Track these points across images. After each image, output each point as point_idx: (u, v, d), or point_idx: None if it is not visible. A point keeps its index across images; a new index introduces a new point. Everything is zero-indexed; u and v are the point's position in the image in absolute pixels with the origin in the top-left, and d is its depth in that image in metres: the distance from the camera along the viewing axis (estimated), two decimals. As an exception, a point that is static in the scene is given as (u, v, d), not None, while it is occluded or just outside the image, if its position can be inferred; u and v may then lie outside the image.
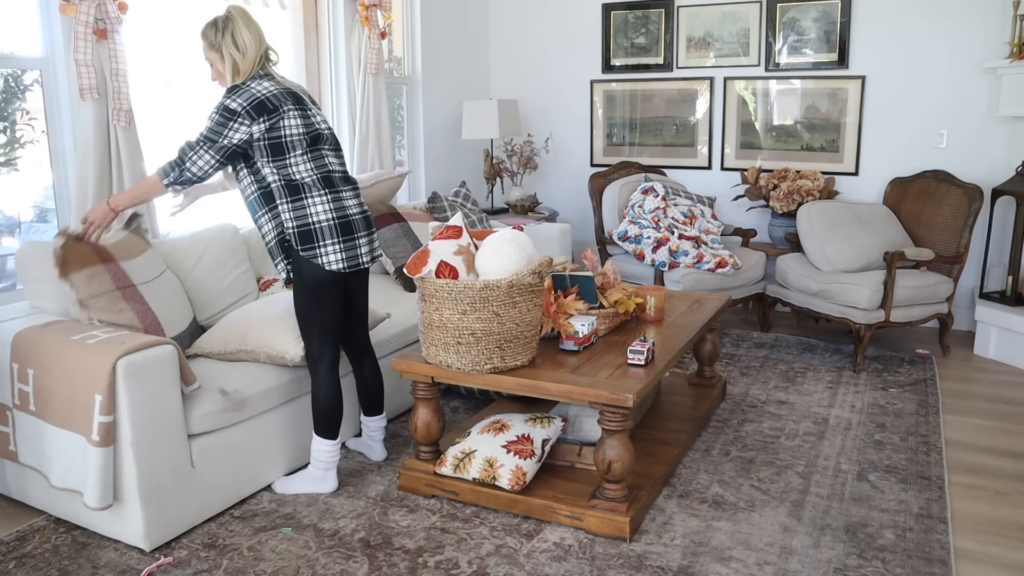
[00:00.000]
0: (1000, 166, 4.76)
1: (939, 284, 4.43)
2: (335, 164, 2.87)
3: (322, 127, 2.85)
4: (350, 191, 2.88)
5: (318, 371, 2.91)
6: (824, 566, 2.52)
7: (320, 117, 2.87)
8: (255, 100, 2.67)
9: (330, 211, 2.78)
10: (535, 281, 2.75)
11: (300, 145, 2.75)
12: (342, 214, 2.80)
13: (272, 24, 4.44)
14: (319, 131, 2.82)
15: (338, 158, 2.91)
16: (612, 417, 2.61)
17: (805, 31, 5.17)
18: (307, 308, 2.85)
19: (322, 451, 2.97)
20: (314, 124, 2.81)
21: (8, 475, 2.93)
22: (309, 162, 2.77)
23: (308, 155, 2.77)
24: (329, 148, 2.86)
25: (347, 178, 2.90)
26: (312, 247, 2.76)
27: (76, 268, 2.80)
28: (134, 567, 2.55)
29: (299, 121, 2.75)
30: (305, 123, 2.77)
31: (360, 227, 2.86)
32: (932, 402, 3.88)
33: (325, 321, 2.87)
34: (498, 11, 6.05)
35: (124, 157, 3.31)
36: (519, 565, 2.54)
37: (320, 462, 2.98)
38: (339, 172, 2.87)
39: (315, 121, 2.82)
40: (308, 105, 2.83)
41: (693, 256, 4.64)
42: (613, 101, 5.82)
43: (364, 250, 2.88)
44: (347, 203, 2.84)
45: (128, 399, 2.49)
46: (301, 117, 2.76)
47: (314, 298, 2.83)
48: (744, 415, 3.73)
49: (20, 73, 3.29)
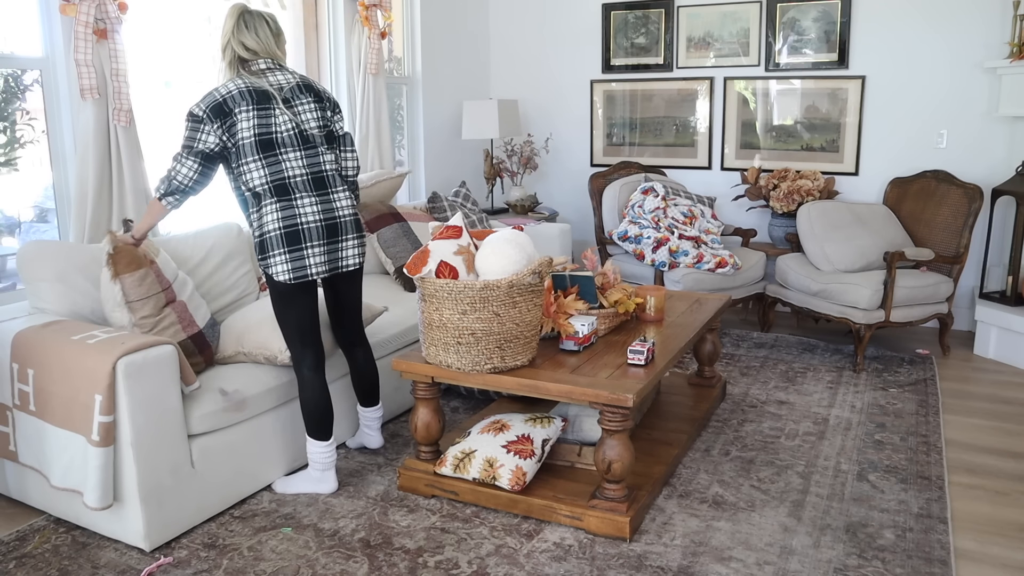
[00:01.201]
0: (1000, 166, 4.76)
1: (939, 284, 4.43)
2: (294, 169, 2.74)
3: (278, 130, 2.71)
4: (314, 196, 2.76)
5: (302, 373, 2.90)
6: (824, 566, 2.52)
7: (284, 118, 2.74)
8: (213, 103, 2.68)
9: (277, 220, 2.70)
10: (535, 281, 2.75)
11: (251, 151, 2.68)
12: (290, 223, 2.70)
13: (272, 24, 4.43)
14: (272, 136, 2.70)
15: (309, 158, 2.78)
16: (612, 417, 2.61)
17: (805, 31, 5.17)
18: (281, 313, 2.85)
19: (316, 453, 2.96)
20: (270, 127, 2.70)
21: (8, 475, 2.93)
22: (262, 168, 2.70)
23: (261, 161, 2.70)
24: (290, 151, 2.73)
25: (321, 182, 2.79)
26: (266, 257, 2.74)
27: (129, 270, 2.81)
28: (134, 567, 2.55)
29: (251, 123, 2.67)
30: (259, 126, 2.68)
31: (314, 236, 2.73)
32: (932, 402, 3.88)
33: (300, 324, 2.85)
34: (498, 11, 6.05)
35: (124, 157, 3.31)
36: (519, 565, 2.54)
37: (316, 463, 2.98)
38: (299, 176, 2.74)
39: (274, 123, 2.71)
40: (274, 105, 2.72)
41: (693, 256, 4.64)
42: (613, 101, 5.82)
43: (316, 260, 2.75)
44: (303, 210, 2.73)
45: (128, 399, 2.50)
46: (258, 118, 2.68)
47: (284, 304, 2.81)
48: (744, 415, 3.73)
49: (20, 73, 3.29)
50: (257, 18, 2.80)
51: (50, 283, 2.95)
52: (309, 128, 2.81)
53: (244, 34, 2.78)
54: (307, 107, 2.83)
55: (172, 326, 2.88)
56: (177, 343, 2.76)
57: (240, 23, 2.79)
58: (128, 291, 2.79)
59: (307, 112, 2.83)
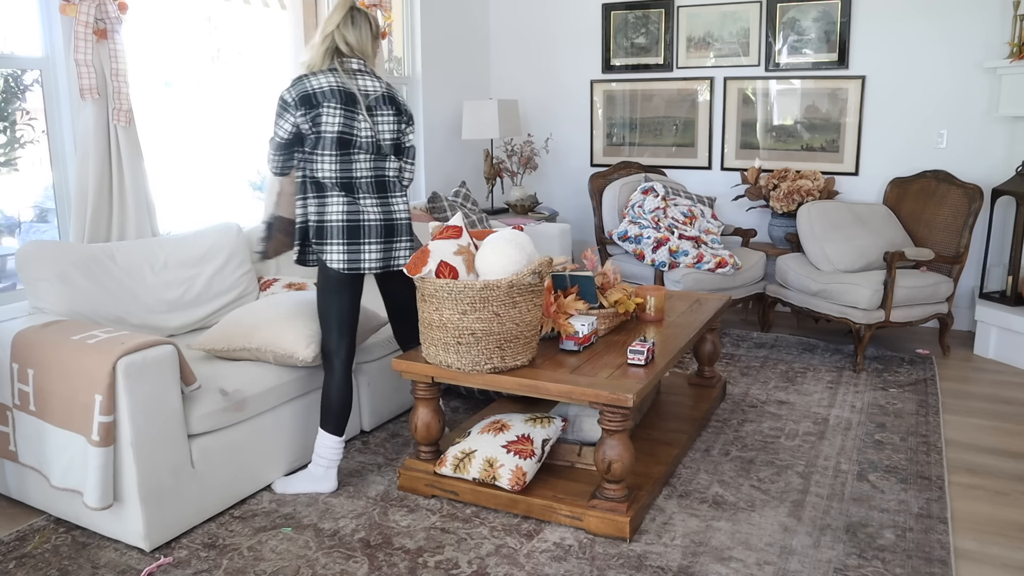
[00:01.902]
0: (1000, 166, 4.76)
1: (939, 284, 4.43)
2: (365, 171, 2.88)
3: (362, 133, 2.86)
4: (375, 198, 2.90)
5: (332, 365, 2.97)
6: (824, 566, 2.52)
7: (364, 125, 2.86)
8: (303, 92, 2.81)
9: (342, 213, 2.86)
10: (535, 281, 2.75)
11: (328, 145, 2.81)
12: (353, 219, 2.86)
13: (272, 24, 4.44)
14: (354, 136, 2.84)
15: (376, 163, 2.91)
16: (612, 417, 2.61)
17: (805, 31, 5.17)
18: (324, 301, 2.95)
19: (325, 446, 2.98)
20: (352, 129, 2.83)
21: (8, 475, 2.93)
22: (335, 164, 2.83)
23: (335, 157, 2.83)
24: (367, 154, 2.88)
25: (382, 184, 2.93)
26: (322, 243, 2.87)
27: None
28: (134, 567, 2.55)
29: (335, 120, 2.81)
30: (343, 124, 2.82)
31: (374, 233, 2.89)
32: (932, 402, 3.88)
33: (340, 315, 2.95)
34: (498, 11, 6.05)
35: (124, 157, 3.31)
36: (519, 565, 2.54)
37: (322, 459, 2.99)
38: (368, 178, 2.89)
39: (356, 125, 2.84)
40: (358, 110, 2.85)
41: (693, 256, 4.64)
42: (613, 101, 5.82)
43: (372, 256, 2.90)
44: (366, 209, 2.88)
45: (128, 399, 2.49)
46: (342, 117, 2.82)
47: (330, 292, 2.93)
48: (744, 415, 3.73)
49: (20, 73, 3.29)
50: (361, 17, 2.92)
51: (50, 283, 2.95)
52: (383, 139, 2.93)
53: (349, 29, 2.90)
54: (386, 119, 2.95)
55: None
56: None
57: (348, 17, 2.90)
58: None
59: (385, 123, 2.94)
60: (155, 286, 3.28)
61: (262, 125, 4.43)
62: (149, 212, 3.48)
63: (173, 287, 3.34)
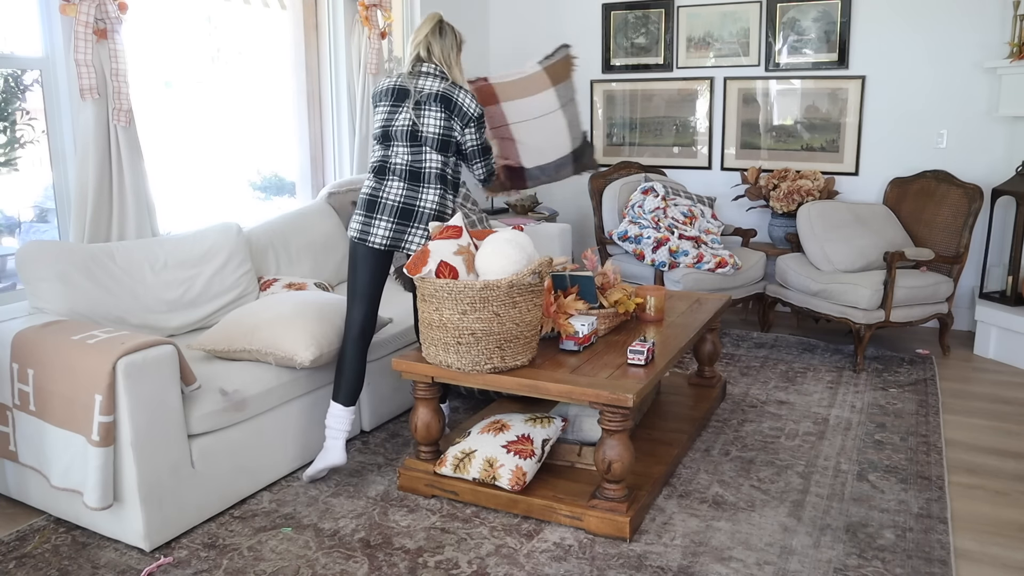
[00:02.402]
0: (1000, 166, 4.76)
1: (939, 284, 4.43)
2: (397, 157, 3.07)
3: (397, 123, 3.05)
4: (403, 183, 3.05)
5: (347, 333, 3.09)
6: (824, 566, 2.52)
7: (406, 115, 3.04)
8: (375, 91, 3.17)
9: (368, 190, 3.09)
10: (535, 281, 2.75)
11: (377, 137, 3.11)
12: (373, 194, 3.07)
13: (272, 24, 4.44)
14: (391, 127, 3.07)
15: (413, 153, 3.06)
16: (612, 417, 2.61)
17: (805, 31, 5.17)
18: (348, 272, 3.14)
19: (331, 415, 3.07)
20: (392, 121, 3.07)
21: (8, 475, 2.93)
22: (378, 151, 3.11)
23: (380, 145, 3.11)
24: (403, 144, 3.06)
25: (416, 174, 3.06)
26: (352, 215, 3.14)
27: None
28: (134, 567, 2.56)
29: (381, 116, 3.10)
30: (385, 118, 3.08)
31: (386, 210, 3.04)
32: (932, 402, 3.88)
33: (355, 285, 3.09)
34: (498, 11, 6.05)
35: (124, 157, 3.31)
36: (519, 565, 2.54)
37: (329, 428, 3.07)
38: (401, 165, 3.06)
39: (395, 118, 3.06)
40: (406, 104, 3.05)
41: (693, 256, 4.64)
42: (613, 101, 5.82)
43: (379, 231, 3.03)
44: (385, 189, 3.06)
45: (128, 399, 2.49)
46: (388, 112, 3.08)
47: (350, 260, 3.11)
48: (744, 415, 3.73)
49: (20, 73, 3.29)
50: (448, 29, 3.20)
51: (50, 283, 2.95)
52: (425, 131, 3.04)
53: (435, 38, 3.15)
54: (432, 114, 3.05)
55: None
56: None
57: (437, 28, 3.17)
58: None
59: (430, 118, 3.04)
60: (155, 286, 3.28)
61: (262, 125, 4.44)
62: (149, 212, 3.48)
63: (173, 287, 3.34)
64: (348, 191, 4.38)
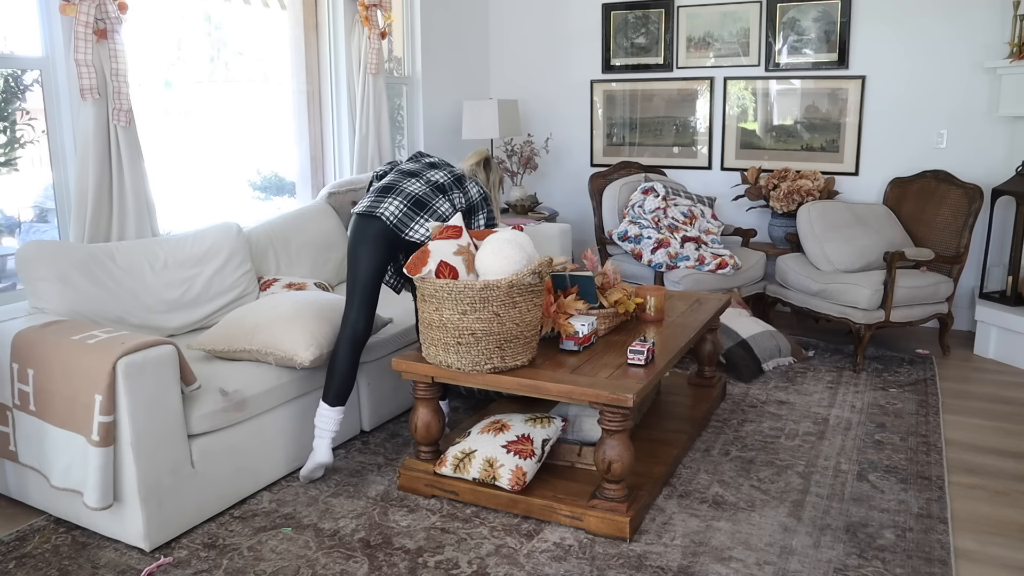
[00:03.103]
0: (1000, 166, 4.76)
1: (939, 284, 4.43)
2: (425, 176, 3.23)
3: (435, 178, 3.24)
4: (419, 182, 3.18)
5: (342, 332, 3.07)
6: (824, 566, 2.52)
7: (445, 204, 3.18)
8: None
9: (385, 180, 3.21)
10: (535, 281, 2.75)
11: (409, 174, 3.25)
12: (392, 183, 3.16)
13: (272, 24, 4.44)
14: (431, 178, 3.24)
15: (427, 170, 3.26)
16: (612, 417, 2.61)
17: (805, 31, 5.17)
18: (347, 265, 3.12)
19: (318, 415, 3.05)
20: (431, 178, 3.26)
21: (8, 475, 2.93)
22: (409, 164, 3.34)
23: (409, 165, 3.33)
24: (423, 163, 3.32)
25: (441, 188, 3.20)
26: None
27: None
28: (134, 567, 2.55)
29: (423, 171, 3.28)
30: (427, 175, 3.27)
31: (401, 194, 3.10)
32: (932, 402, 3.88)
33: (354, 281, 3.06)
34: (498, 11, 6.05)
35: (124, 157, 3.31)
36: (519, 565, 2.54)
37: (317, 428, 3.05)
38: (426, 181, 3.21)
39: (433, 177, 3.26)
40: (446, 192, 3.21)
41: (694, 259, 4.64)
42: (613, 101, 5.82)
43: (391, 207, 3.06)
44: (406, 182, 3.15)
45: (128, 399, 2.49)
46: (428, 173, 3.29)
47: (350, 252, 3.09)
48: (744, 415, 3.73)
49: (20, 73, 3.29)
50: (491, 167, 3.41)
51: (50, 283, 2.95)
52: (438, 180, 3.23)
53: (481, 171, 3.36)
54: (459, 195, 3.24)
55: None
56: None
57: (484, 164, 3.39)
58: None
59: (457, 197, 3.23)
60: (155, 286, 3.28)
61: (262, 125, 4.44)
62: (149, 212, 3.48)
63: (173, 287, 3.34)
64: (348, 191, 4.38)
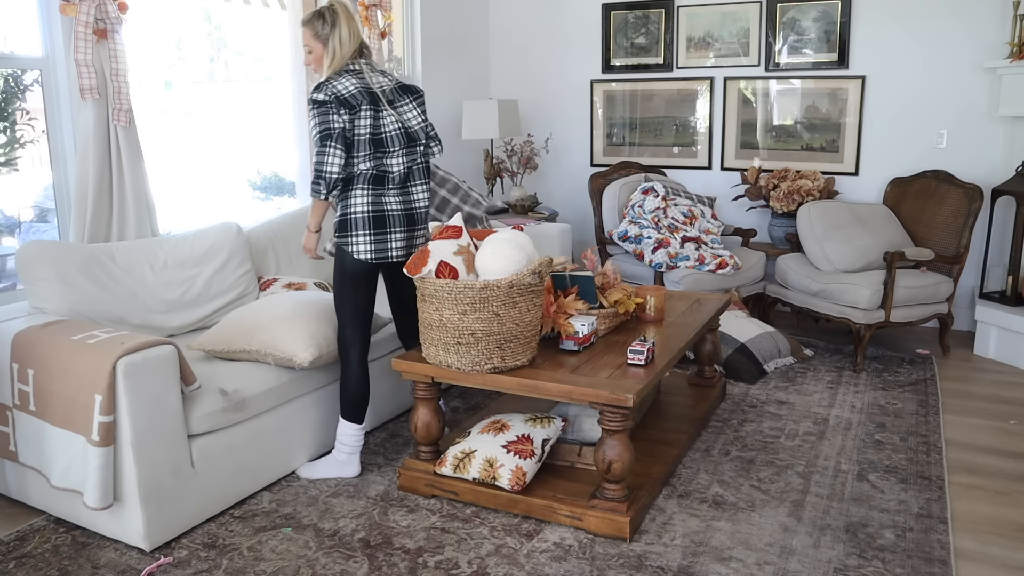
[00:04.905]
0: (1000, 166, 4.76)
1: (939, 284, 4.43)
2: (395, 166, 2.95)
3: (389, 129, 2.92)
4: (399, 189, 2.97)
5: (349, 357, 3.03)
6: (824, 566, 2.52)
7: (393, 118, 2.92)
8: (337, 95, 2.83)
9: (366, 204, 2.91)
10: (535, 281, 2.75)
11: (364, 146, 2.88)
12: (378, 209, 2.92)
13: (272, 24, 4.44)
14: (383, 135, 2.91)
15: (405, 157, 2.97)
16: (612, 417, 2.61)
17: (805, 31, 5.17)
18: (342, 294, 3.00)
19: (347, 434, 3.07)
20: (381, 128, 2.90)
21: (8, 475, 2.93)
22: (368, 161, 2.90)
23: (370, 156, 2.89)
24: (396, 149, 2.94)
25: (407, 176, 2.99)
26: (346, 236, 2.92)
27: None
28: (134, 567, 2.55)
29: (368, 122, 2.87)
30: (373, 125, 2.88)
31: (397, 223, 2.95)
32: (932, 402, 3.88)
33: (357, 309, 3.00)
34: (498, 11, 6.05)
35: (124, 157, 3.31)
36: (519, 565, 2.54)
37: (345, 445, 3.08)
38: (396, 172, 2.95)
39: (384, 123, 2.91)
40: (381, 107, 2.90)
41: (694, 259, 4.64)
42: (613, 101, 5.82)
43: (397, 244, 2.96)
44: (389, 199, 2.94)
45: (128, 399, 2.49)
46: (371, 119, 2.88)
47: (351, 285, 2.98)
48: (744, 415, 3.73)
49: (20, 73, 3.29)
50: (331, 13, 2.91)
51: (50, 283, 2.95)
52: (412, 127, 2.99)
53: (356, 27, 2.95)
54: (409, 107, 3.00)
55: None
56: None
57: (352, 19, 2.94)
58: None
59: (409, 111, 2.99)
60: (155, 286, 3.28)
61: (262, 125, 4.44)
62: (149, 212, 3.48)
63: (173, 287, 3.34)
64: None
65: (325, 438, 3.28)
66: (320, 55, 2.94)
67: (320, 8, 2.91)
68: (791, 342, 4.49)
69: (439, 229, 2.85)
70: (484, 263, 2.75)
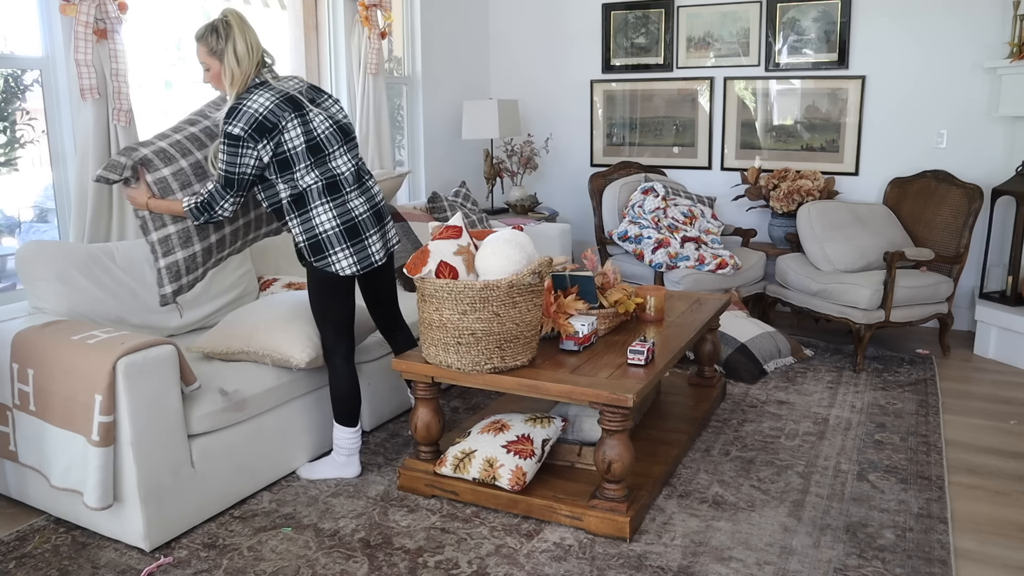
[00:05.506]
0: (1000, 166, 4.76)
1: (939, 284, 4.43)
2: (342, 166, 2.83)
3: (320, 131, 2.77)
4: (357, 189, 2.86)
5: (334, 363, 3.00)
6: (824, 566, 2.52)
7: (321, 116, 2.80)
8: (255, 122, 2.65)
9: (334, 219, 2.79)
10: (535, 281, 2.75)
11: (302, 158, 2.74)
12: (347, 219, 2.81)
13: (272, 24, 4.44)
14: (317, 139, 2.76)
15: (348, 154, 2.86)
16: (612, 417, 2.61)
17: (805, 31, 5.17)
18: (324, 306, 2.94)
19: (343, 438, 3.06)
20: (313, 132, 2.75)
21: (8, 475, 2.93)
22: (313, 171, 2.76)
23: (311, 165, 2.76)
24: (336, 149, 2.82)
25: (358, 174, 2.89)
26: (323, 256, 2.82)
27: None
28: (134, 567, 2.55)
29: (298, 131, 2.72)
30: (305, 132, 2.73)
31: (369, 225, 2.87)
32: (932, 402, 3.88)
33: (340, 317, 2.97)
34: (498, 11, 6.05)
35: (124, 157, 3.30)
36: (519, 565, 2.54)
37: (342, 448, 3.07)
38: (346, 172, 2.84)
39: (314, 127, 2.76)
40: (307, 109, 2.76)
41: (694, 259, 4.64)
42: (613, 101, 5.82)
43: (376, 248, 2.90)
44: (352, 204, 2.83)
45: (128, 399, 2.49)
46: (301, 126, 2.72)
47: (333, 297, 2.92)
48: (744, 415, 3.73)
49: (20, 73, 3.29)
50: (224, 26, 2.70)
51: (50, 283, 2.95)
52: (342, 120, 2.89)
53: (254, 37, 2.74)
54: (329, 102, 2.91)
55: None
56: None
57: (248, 29, 2.73)
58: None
59: (332, 106, 2.90)
60: (155, 286, 3.27)
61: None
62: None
63: (173, 287, 3.33)
64: (348, 191, 4.37)
65: (325, 438, 3.28)
66: (217, 72, 2.71)
67: (214, 21, 2.71)
68: (791, 342, 4.49)
69: (439, 229, 2.85)
70: (484, 263, 2.75)
